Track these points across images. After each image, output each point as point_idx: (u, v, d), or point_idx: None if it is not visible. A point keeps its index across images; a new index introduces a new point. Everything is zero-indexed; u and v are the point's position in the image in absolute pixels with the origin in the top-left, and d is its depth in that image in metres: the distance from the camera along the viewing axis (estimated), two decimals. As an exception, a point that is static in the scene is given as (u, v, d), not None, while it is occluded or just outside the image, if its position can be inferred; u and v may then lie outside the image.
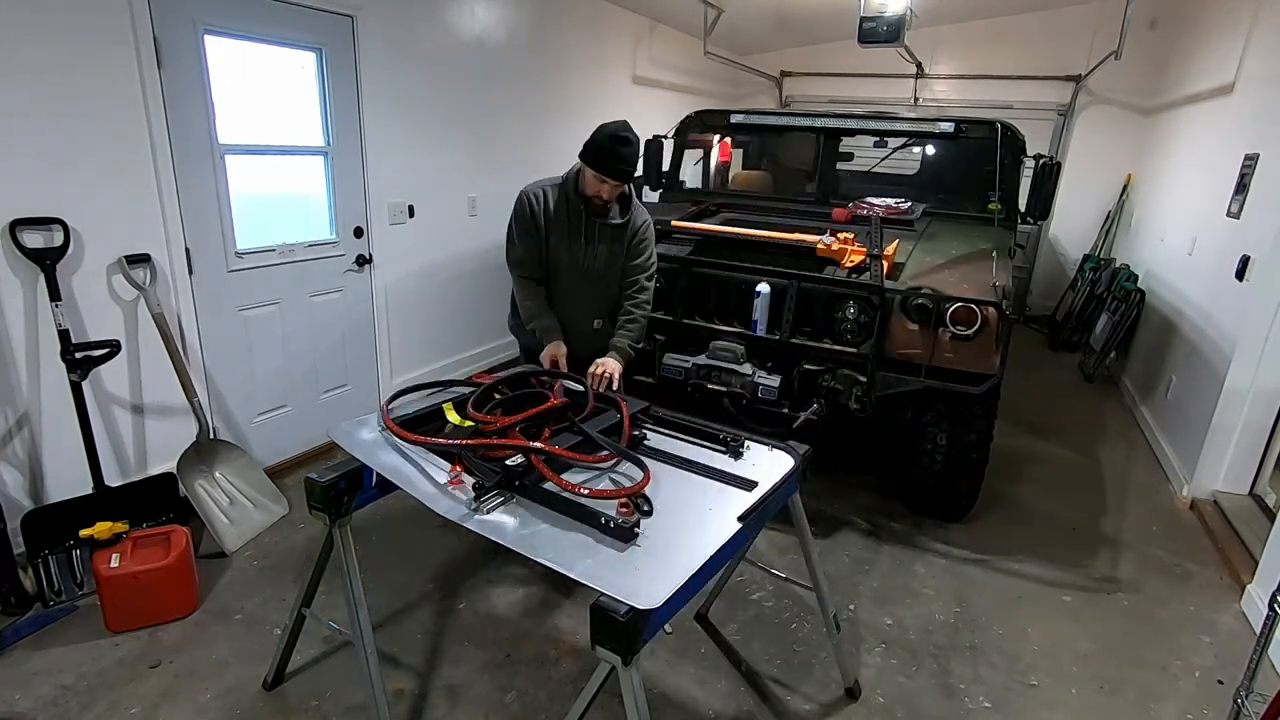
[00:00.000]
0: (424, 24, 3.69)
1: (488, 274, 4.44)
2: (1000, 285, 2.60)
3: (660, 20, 5.94)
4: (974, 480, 2.94)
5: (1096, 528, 3.16)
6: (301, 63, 3.13)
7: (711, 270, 2.90)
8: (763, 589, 2.59)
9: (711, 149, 4.92)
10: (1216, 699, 2.17)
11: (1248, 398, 3.11)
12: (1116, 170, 6.29)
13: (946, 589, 2.65)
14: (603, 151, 2.36)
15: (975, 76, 6.68)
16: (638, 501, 1.45)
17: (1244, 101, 3.81)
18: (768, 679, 2.17)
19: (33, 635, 2.18)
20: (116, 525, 2.28)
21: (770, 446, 1.83)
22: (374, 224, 3.55)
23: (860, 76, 6.98)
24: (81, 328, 2.47)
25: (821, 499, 3.19)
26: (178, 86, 2.61)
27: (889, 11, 4.29)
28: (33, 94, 2.24)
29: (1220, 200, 3.74)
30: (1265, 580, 2.49)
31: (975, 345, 2.56)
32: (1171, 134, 5.28)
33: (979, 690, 2.17)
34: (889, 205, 3.59)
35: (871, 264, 2.76)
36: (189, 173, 2.70)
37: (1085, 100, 6.39)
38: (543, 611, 2.40)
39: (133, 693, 1.99)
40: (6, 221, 2.23)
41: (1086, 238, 6.58)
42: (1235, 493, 3.26)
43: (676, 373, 2.95)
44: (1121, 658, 2.34)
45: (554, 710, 1.98)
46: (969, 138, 3.62)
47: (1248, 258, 3.26)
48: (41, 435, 2.44)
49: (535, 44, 4.55)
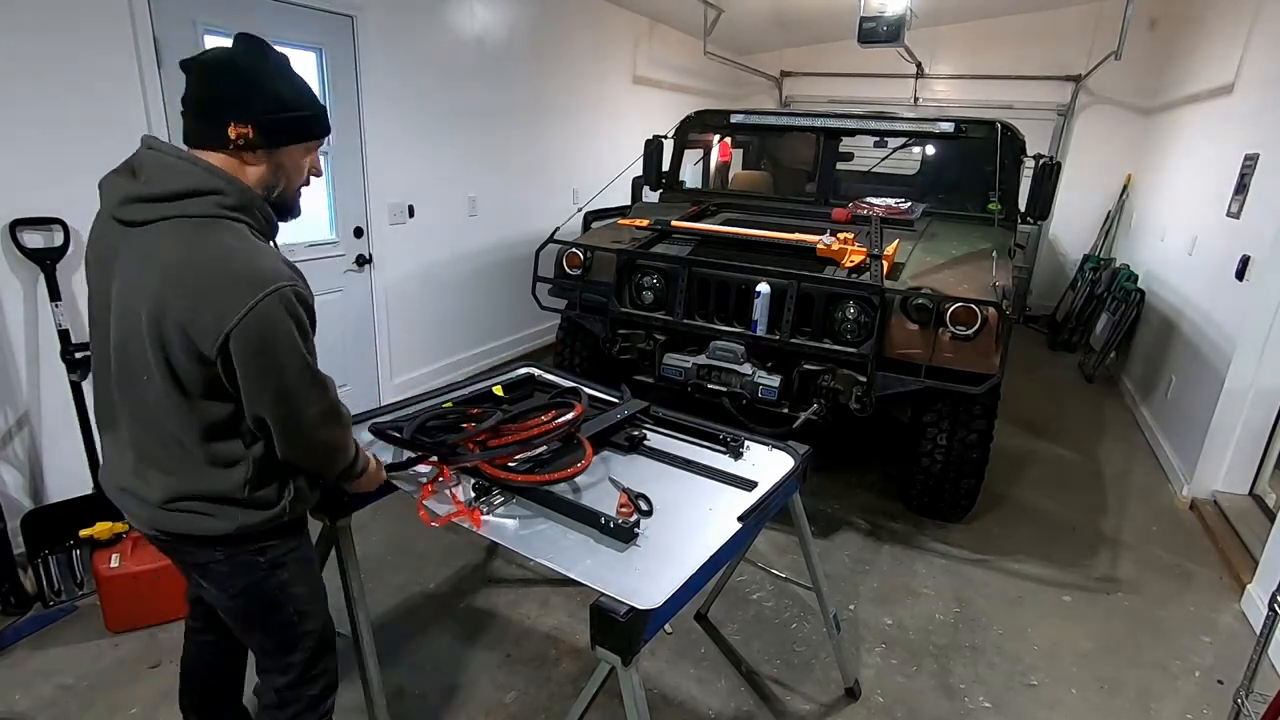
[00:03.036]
0: (424, 24, 3.69)
1: (487, 274, 4.45)
2: (1000, 285, 2.60)
3: (660, 20, 5.94)
4: (974, 480, 2.94)
5: (1096, 528, 3.16)
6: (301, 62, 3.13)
7: (711, 270, 2.90)
8: (763, 589, 2.59)
9: (711, 149, 4.92)
10: (1216, 699, 2.17)
11: (1248, 398, 3.11)
12: (1116, 170, 6.29)
13: (946, 589, 2.65)
14: (311, 101, 1.22)
15: (975, 76, 6.68)
16: (638, 501, 1.45)
17: (1244, 101, 3.81)
18: (768, 679, 2.17)
19: (33, 635, 2.18)
20: (116, 525, 2.28)
21: (770, 446, 1.83)
22: (374, 224, 3.55)
23: (860, 76, 6.98)
24: (82, 328, 2.46)
25: (821, 499, 3.19)
26: (178, 86, 2.60)
27: (889, 11, 4.29)
28: (33, 94, 2.24)
29: (1220, 200, 3.74)
30: (1265, 580, 2.49)
31: (975, 345, 2.56)
32: (1171, 134, 5.28)
33: (979, 690, 2.17)
34: (889, 205, 3.59)
35: (871, 264, 2.76)
36: (189, 173, 2.70)
37: (1085, 100, 6.39)
38: (543, 611, 2.40)
39: (133, 693, 1.99)
40: (6, 221, 2.23)
41: (1086, 238, 6.58)
42: (1235, 493, 3.26)
43: (676, 373, 2.95)
44: (1121, 658, 2.34)
45: (554, 710, 1.98)
46: (969, 138, 3.62)
47: (1248, 258, 3.26)
48: (41, 435, 2.44)
49: (535, 44, 4.55)
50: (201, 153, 1.15)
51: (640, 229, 3.26)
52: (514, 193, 4.59)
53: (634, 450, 1.76)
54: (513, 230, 4.60)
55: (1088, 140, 6.43)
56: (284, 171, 1.21)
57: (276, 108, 1.15)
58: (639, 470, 1.67)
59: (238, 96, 1.12)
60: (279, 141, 1.17)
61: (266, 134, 1.14)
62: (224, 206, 1.11)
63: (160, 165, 1.13)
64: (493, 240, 4.44)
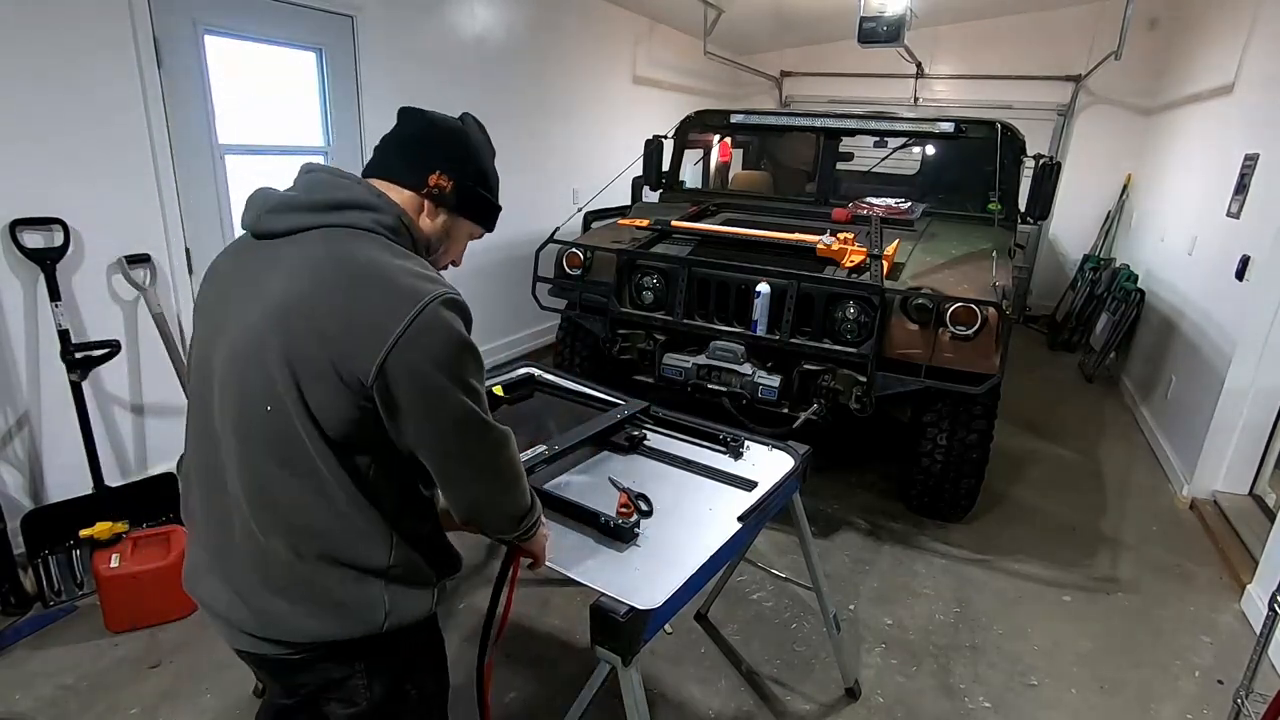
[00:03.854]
0: (424, 24, 3.69)
1: (487, 274, 4.45)
2: (1000, 285, 2.60)
3: (660, 20, 5.94)
4: (974, 480, 2.94)
5: (1096, 528, 3.16)
6: (301, 62, 3.13)
7: (711, 270, 2.90)
8: (763, 589, 2.58)
9: (711, 149, 4.92)
10: (1216, 699, 2.17)
11: (1248, 398, 3.11)
12: (1116, 170, 6.29)
13: (946, 589, 2.65)
14: (493, 183, 1.21)
15: (975, 77, 6.68)
16: (638, 502, 1.45)
17: (1244, 101, 3.81)
18: (768, 679, 2.17)
19: (33, 635, 2.18)
20: (116, 525, 2.28)
21: (770, 446, 1.83)
22: (374, 224, 3.55)
23: (860, 76, 6.98)
24: (81, 328, 2.47)
25: (821, 499, 3.19)
26: (177, 86, 2.61)
27: (889, 12, 4.29)
28: (33, 94, 2.24)
29: (1220, 200, 3.74)
30: (1265, 580, 2.49)
31: (975, 345, 2.56)
32: (1171, 134, 5.28)
33: (979, 690, 2.17)
34: (889, 205, 3.59)
35: (871, 264, 2.76)
36: (189, 172, 2.70)
37: (1085, 100, 6.39)
38: (543, 611, 2.40)
39: (133, 693, 1.99)
40: (6, 221, 2.23)
41: (1086, 238, 6.58)
42: (1235, 493, 3.26)
43: (676, 373, 2.95)
44: (1121, 658, 2.34)
45: (554, 710, 1.98)
46: (969, 138, 3.62)
47: (1248, 258, 3.26)
48: (41, 435, 2.44)
49: (535, 44, 4.55)
50: (379, 182, 1.07)
51: (640, 229, 3.26)
52: (514, 193, 4.55)
53: (634, 450, 1.76)
54: (512, 230, 4.59)
55: (1088, 140, 6.43)
56: (450, 239, 1.17)
57: (480, 181, 1.14)
58: (639, 470, 1.67)
59: (454, 155, 1.11)
60: (465, 209, 1.14)
61: (460, 197, 1.11)
62: (380, 224, 1.01)
63: (318, 181, 1.04)
64: (492, 240, 4.40)
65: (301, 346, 0.92)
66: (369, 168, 1.10)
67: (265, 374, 0.93)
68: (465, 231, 1.19)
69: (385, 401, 0.93)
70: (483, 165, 1.15)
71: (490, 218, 1.21)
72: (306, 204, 1.00)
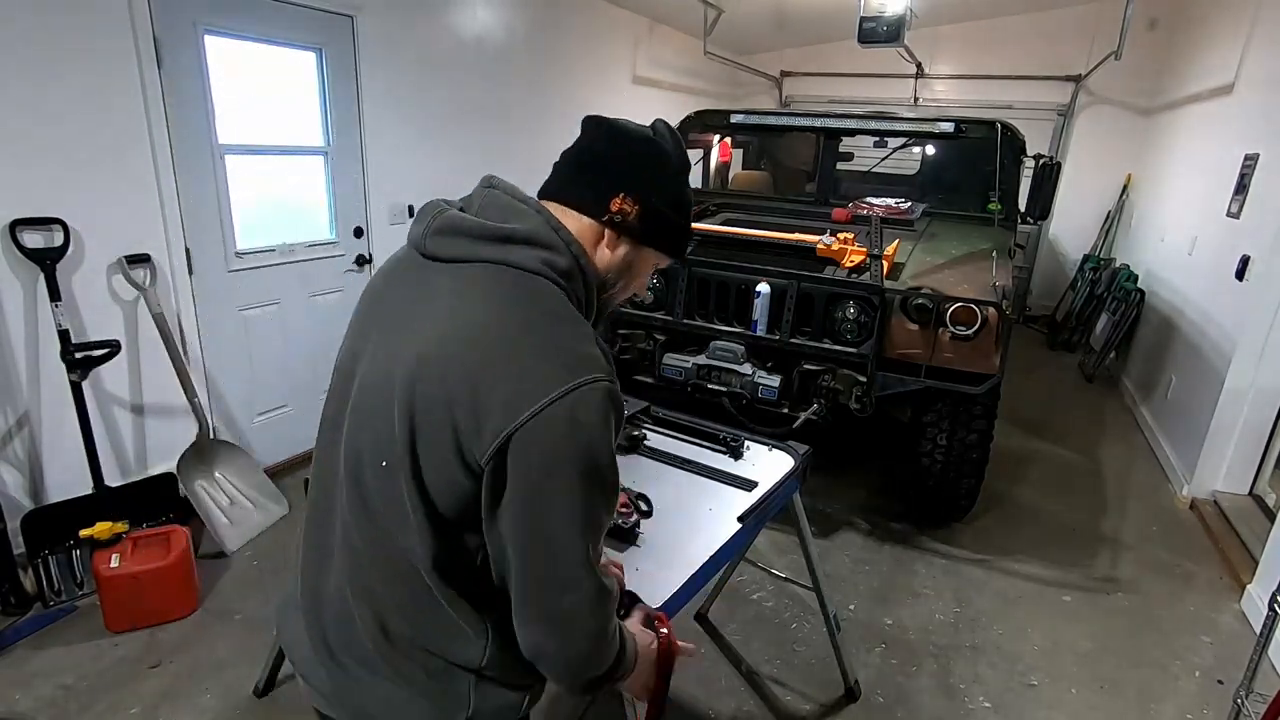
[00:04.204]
0: (424, 24, 3.69)
1: (488, 274, 4.44)
2: (1000, 285, 2.60)
3: (660, 20, 5.94)
4: (974, 480, 2.94)
5: (1096, 528, 3.16)
6: (301, 62, 3.13)
7: (711, 270, 2.90)
8: (763, 589, 2.59)
9: (711, 149, 4.91)
10: (1216, 699, 2.17)
11: (1248, 398, 3.11)
12: (1116, 170, 6.29)
13: (946, 589, 2.65)
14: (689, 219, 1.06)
15: (975, 77, 6.68)
16: (638, 502, 1.45)
17: (1244, 102, 3.81)
18: (768, 679, 2.17)
19: (33, 635, 2.18)
20: (116, 525, 2.28)
21: (770, 446, 1.83)
22: (374, 224, 3.55)
23: (860, 76, 6.98)
24: (81, 328, 2.47)
25: (821, 499, 3.19)
26: (177, 86, 2.61)
27: (889, 11, 4.29)
28: (33, 94, 2.24)
29: (1220, 200, 3.74)
30: (1265, 580, 2.49)
31: (975, 345, 2.56)
32: (1171, 134, 5.28)
33: (979, 690, 2.17)
34: (889, 205, 3.59)
35: (871, 264, 2.76)
36: (189, 172, 2.70)
37: (1085, 100, 6.39)
38: (543, 611, 2.40)
39: (133, 693, 1.99)
40: (6, 221, 2.23)
41: (1086, 238, 6.58)
42: (1235, 493, 3.26)
43: (676, 373, 2.95)
44: (1121, 658, 2.35)
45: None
46: (969, 138, 3.62)
47: (1247, 258, 3.26)
48: (41, 435, 2.44)
49: (535, 44, 4.55)
50: (557, 207, 0.93)
51: (640, 229, 3.26)
52: (514, 193, 4.58)
53: (634, 450, 1.76)
54: (513, 230, 4.60)
55: (1088, 140, 6.43)
56: (632, 271, 0.99)
57: (670, 205, 0.97)
58: (639, 470, 1.67)
59: (641, 174, 0.94)
60: (651, 238, 0.97)
61: (646, 223, 0.94)
62: (551, 266, 0.88)
63: (494, 201, 0.92)
64: (493, 240, 4.44)
65: (427, 407, 0.81)
66: (546, 186, 0.97)
67: (389, 423, 0.83)
68: (651, 263, 1.01)
69: (491, 487, 0.81)
70: (677, 186, 0.98)
71: (680, 245, 1.03)
72: (477, 231, 0.87)
